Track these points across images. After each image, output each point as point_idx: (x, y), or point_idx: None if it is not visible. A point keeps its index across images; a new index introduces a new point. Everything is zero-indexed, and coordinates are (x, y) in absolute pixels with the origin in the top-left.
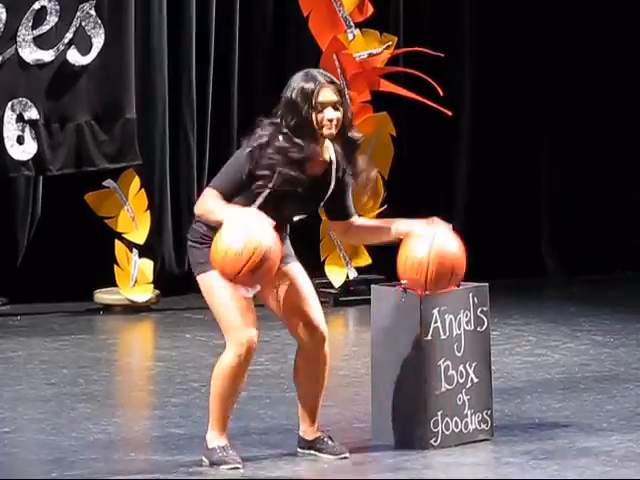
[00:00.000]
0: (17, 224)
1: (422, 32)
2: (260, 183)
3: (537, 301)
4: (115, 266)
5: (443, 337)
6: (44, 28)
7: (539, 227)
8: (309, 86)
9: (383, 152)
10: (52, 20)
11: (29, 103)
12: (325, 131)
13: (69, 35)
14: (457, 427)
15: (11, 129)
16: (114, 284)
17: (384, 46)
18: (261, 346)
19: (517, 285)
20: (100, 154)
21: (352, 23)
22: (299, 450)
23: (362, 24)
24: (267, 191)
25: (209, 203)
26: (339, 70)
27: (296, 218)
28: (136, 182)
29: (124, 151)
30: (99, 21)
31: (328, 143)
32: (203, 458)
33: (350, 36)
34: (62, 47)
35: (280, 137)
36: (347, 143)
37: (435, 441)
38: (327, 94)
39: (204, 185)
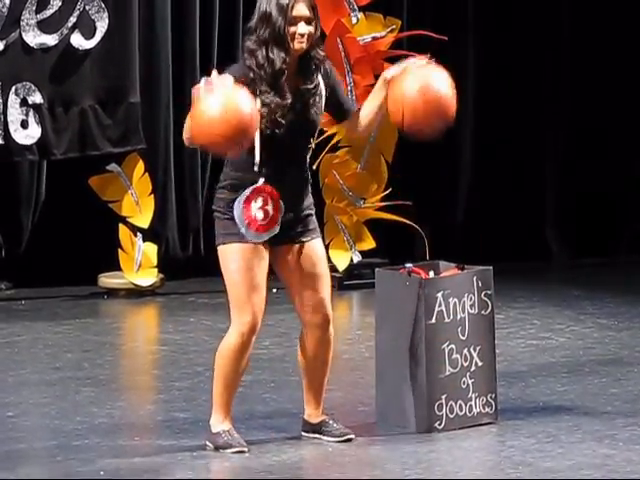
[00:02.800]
0: (21, 208)
1: (426, 15)
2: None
3: (541, 285)
4: (119, 250)
5: (447, 320)
6: (48, 12)
7: (544, 211)
8: (284, 0)
9: (387, 135)
10: (56, 4)
11: (33, 87)
12: (296, 44)
13: (73, 19)
14: (461, 410)
15: (15, 113)
16: (118, 268)
17: (388, 30)
18: (265, 330)
19: (522, 269)
20: (104, 138)
21: (356, 7)
22: (303, 434)
23: (366, 7)
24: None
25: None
26: (343, 54)
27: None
28: (140, 166)
29: (128, 135)
30: (103, 5)
31: None
32: (207, 442)
33: (354, 20)
34: (66, 31)
35: (258, 48)
36: (310, 59)
37: (439, 424)
38: (301, 8)
39: (207, 169)
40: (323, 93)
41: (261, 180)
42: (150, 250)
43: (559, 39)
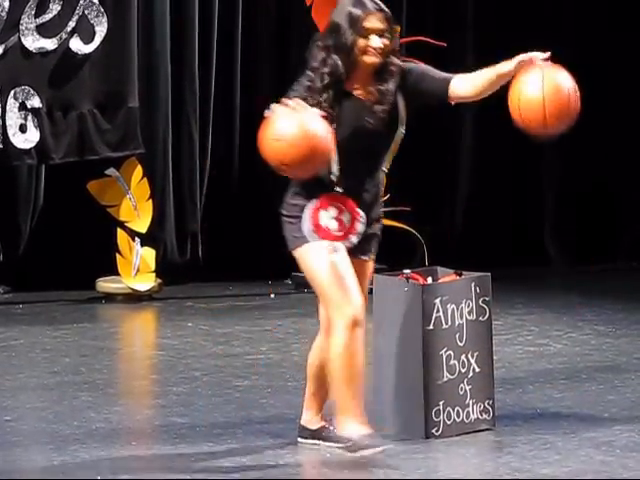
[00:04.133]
0: (19, 212)
1: (425, 21)
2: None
3: (540, 291)
4: (117, 255)
5: (445, 327)
6: (47, 16)
7: (542, 217)
8: (357, 11)
9: None
10: (55, 8)
11: (32, 91)
12: (367, 58)
13: (72, 23)
14: (459, 417)
15: (14, 117)
16: (116, 273)
17: None
18: (262, 335)
19: (520, 275)
20: (103, 143)
21: None
22: (300, 440)
23: None
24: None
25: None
26: None
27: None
28: (138, 171)
29: (127, 140)
30: (102, 9)
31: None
32: (342, 448)
33: None
34: (65, 35)
35: (324, 54)
36: (384, 70)
37: (437, 431)
38: (374, 21)
39: (205, 174)
40: (401, 105)
41: (337, 189)
42: (148, 255)
43: (559, 44)
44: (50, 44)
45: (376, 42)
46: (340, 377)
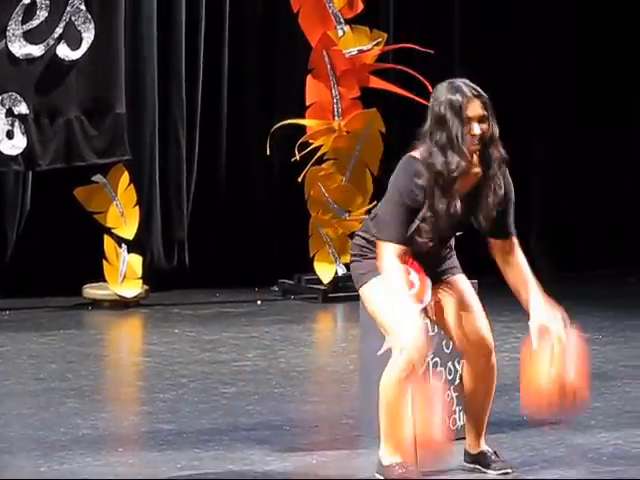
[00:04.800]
0: (6, 219)
1: (412, 29)
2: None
3: None
4: (104, 261)
5: (432, 334)
6: (34, 23)
7: (529, 224)
8: (457, 98)
9: (372, 148)
10: (42, 15)
11: (19, 98)
12: (470, 146)
13: (59, 30)
14: (445, 423)
15: (0, 124)
16: (103, 279)
17: (374, 42)
18: (249, 342)
19: (506, 282)
20: (90, 149)
21: (342, 19)
22: (465, 464)
23: (352, 20)
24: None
25: (393, 274)
26: (329, 66)
27: (453, 237)
28: (125, 177)
29: (113, 146)
30: (89, 16)
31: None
32: (377, 475)
33: (340, 32)
34: (52, 42)
35: (435, 155)
36: (488, 159)
37: None
38: (476, 107)
39: (192, 181)
40: (500, 192)
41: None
42: (135, 261)
43: (546, 51)
44: (37, 50)
45: (476, 129)
46: (387, 402)
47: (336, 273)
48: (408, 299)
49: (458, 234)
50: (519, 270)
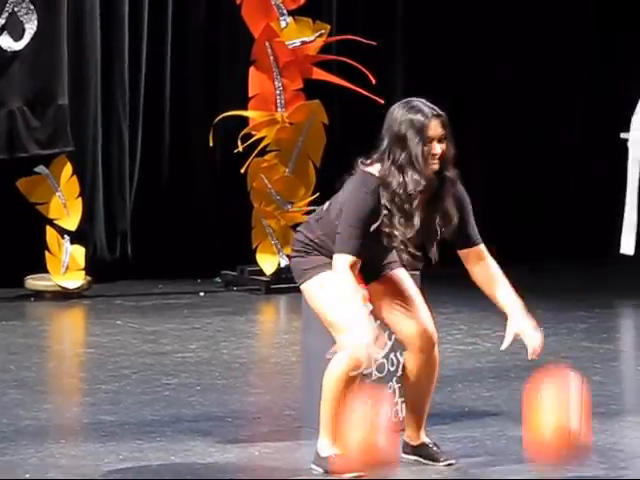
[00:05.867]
0: None
1: (355, 20)
2: (376, 225)
3: (468, 290)
4: (46, 252)
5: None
6: None
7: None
8: (419, 118)
9: (315, 140)
10: None
11: None
12: (430, 166)
13: (1, 21)
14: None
15: None
16: (45, 270)
17: (317, 34)
18: (192, 333)
19: (448, 274)
20: (32, 140)
21: (285, 11)
22: (403, 456)
23: (295, 12)
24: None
25: (345, 282)
26: (272, 58)
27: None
28: (68, 168)
29: (56, 137)
30: (32, 7)
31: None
32: (314, 467)
33: (283, 24)
34: None
35: (392, 174)
36: (443, 180)
37: None
38: (436, 127)
39: (135, 172)
40: (454, 218)
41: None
42: (77, 252)
43: (488, 42)
44: None
45: (437, 149)
46: (329, 397)
47: (279, 265)
48: (359, 300)
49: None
50: (491, 274)
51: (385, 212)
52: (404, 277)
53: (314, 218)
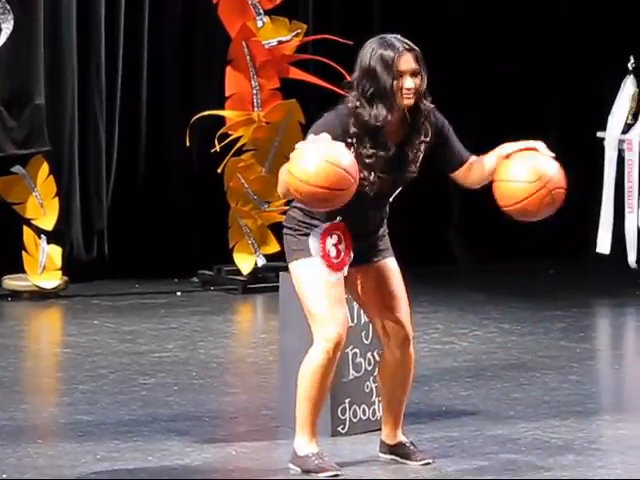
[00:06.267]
0: None
1: (331, 20)
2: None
3: (445, 289)
4: (23, 252)
5: (351, 324)
6: None
7: (448, 216)
8: (389, 53)
9: (292, 139)
10: None
11: None
12: (404, 100)
13: None
14: (365, 415)
15: None
16: (22, 270)
17: (293, 34)
18: (169, 333)
19: (425, 273)
20: (8, 140)
21: (261, 10)
22: (380, 455)
23: (271, 11)
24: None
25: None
26: (248, 57)
27: (392, 194)
28: (45, 168)
29: (33, 137)
30: (8, 7)
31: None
32: (292, 466)
33: (259, 23)
34: None
35: (363, 105)
36: (417, 112)
37: (342, 428)
38: (408, 61)
39: (112, 172)
40: (422, 148)
41: (338, 218)
42: (54, 252)
43: (465, 43)
44: None
45: (409, 83)
46: (305, 395)
47: (256, 264)
48: (338, 289)
49: (395, 192)
50: (482, 164)
51: (354, 139)
52: (393, 269)
53: None
